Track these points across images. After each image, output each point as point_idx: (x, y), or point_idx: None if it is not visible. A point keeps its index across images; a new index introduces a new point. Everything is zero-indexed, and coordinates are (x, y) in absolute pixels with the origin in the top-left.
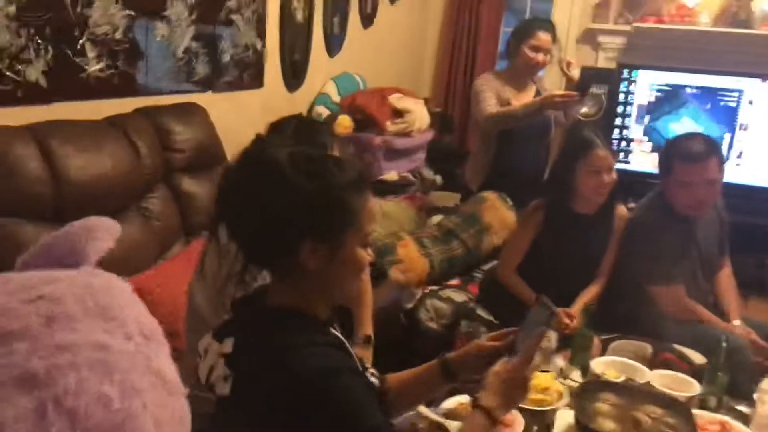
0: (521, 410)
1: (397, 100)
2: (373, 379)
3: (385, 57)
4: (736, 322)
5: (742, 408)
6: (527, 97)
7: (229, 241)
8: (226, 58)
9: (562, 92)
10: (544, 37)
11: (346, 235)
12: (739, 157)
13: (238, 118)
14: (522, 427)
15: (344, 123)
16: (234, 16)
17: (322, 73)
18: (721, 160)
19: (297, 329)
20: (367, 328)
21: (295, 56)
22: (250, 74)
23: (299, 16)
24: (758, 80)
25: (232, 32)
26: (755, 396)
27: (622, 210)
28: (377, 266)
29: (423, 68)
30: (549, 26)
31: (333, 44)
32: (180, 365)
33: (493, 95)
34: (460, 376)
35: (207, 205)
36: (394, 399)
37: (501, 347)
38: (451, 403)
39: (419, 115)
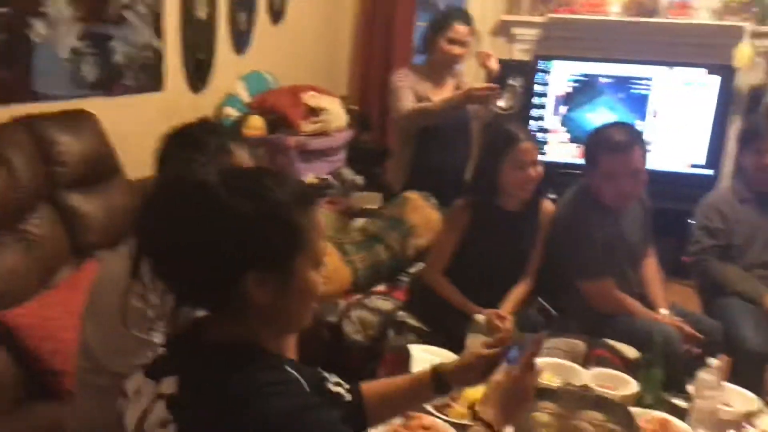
0: (455, 425)
1: (311, 99)
2: (341, 391)
3: (297, 54)
4: (664, 311)
5: (679, 402)
6: (446, 91)
7: (154, 280)
8: (120, 58)
9: (482, 85)
10: (461, 29)
11: (296, 259)
12: (651, 143)
13: (136, 124)
14: None
15: (255, 124)
16: (126, 13)
17: (230, 72)
18: (645, 150)
19: (252, 368)
20: (291, 353)
21: (198, 55)
22: (148, 76)
23: (201, 12)
24: (666, 68)
25: (125, 30)
26: (691, 389)
27: (547, 205)
28: None
29: (338, 65)
30: (466, 17)
31: (240, 42)
32: (71, 409)
33: (410, 91)
34: (453, 388)
35: (99, 222)
36: (372, 410)
37: (499, 355)
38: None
39: (335, 113)
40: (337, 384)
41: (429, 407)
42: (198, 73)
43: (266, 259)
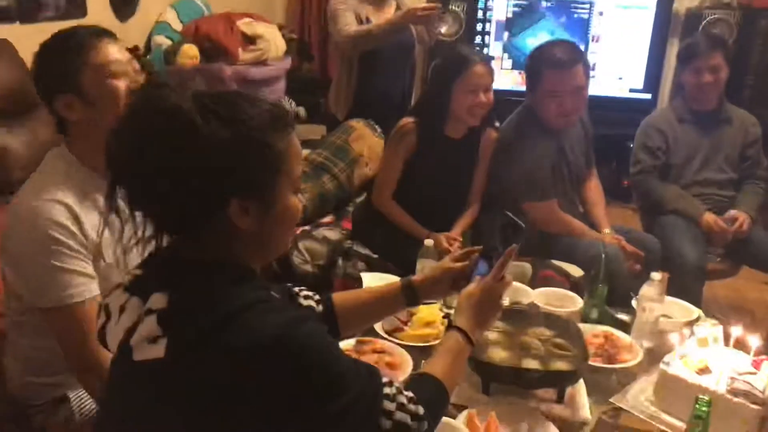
0: (407, 348)
1: (247, 26)
2: (312, 304)
3: None
4: (606, 231)
5: (623, 316)
6: (387, 14)
7: (130, 208)
8: None
9: (423, 5)
10: None
11: (277, 184)
12: (592, 69)
13: None
14: (411, 366)
15: (189, 53)
16: None
17: None
18: (587, 67)
19: (245, 286)
20: None
21: None
22: (69, 3)
23: None
24: None
25: None
26: (633, 303)
27: (491, 133)
28: None
29: None
30: None
31: None
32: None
33: (351, 14)
34: (422, 300)
35: (23, 157)
36: (344, 320)
37: (466, 268)
38: None
39: (273, 41)
40: (307, 297)
41: (380, 331)
42: (123, 0)
43: (248, 186)
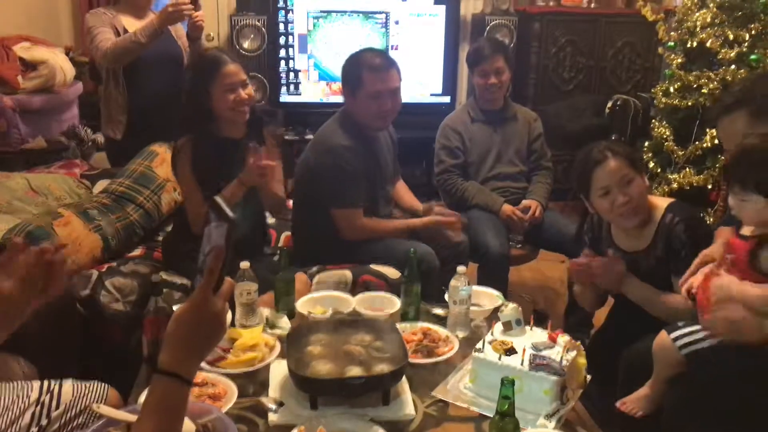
0: (231, 376)
1: (25, 51)
2: None
3: (3, 1)
4: (420, 207)
5: (438, 311)
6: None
7: None
8: None
9: (175, 1)
10: None
11: None
12: None
13: None
14: (236, 395)
15: None
16: None
17: None
18: (398, 70)
19: None
20: None
21: None
22: None
23: None
24: (399, 0)
25: None
26: (446, 297)
27: (272, 131)
28: None
29: (57, 12)
30: None
31: None
32: None
33: (107, 29)
34: None
35: None
36: None
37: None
38: None
39: (58, 66)
40: None
41: (202, 363)
42: None
43: None
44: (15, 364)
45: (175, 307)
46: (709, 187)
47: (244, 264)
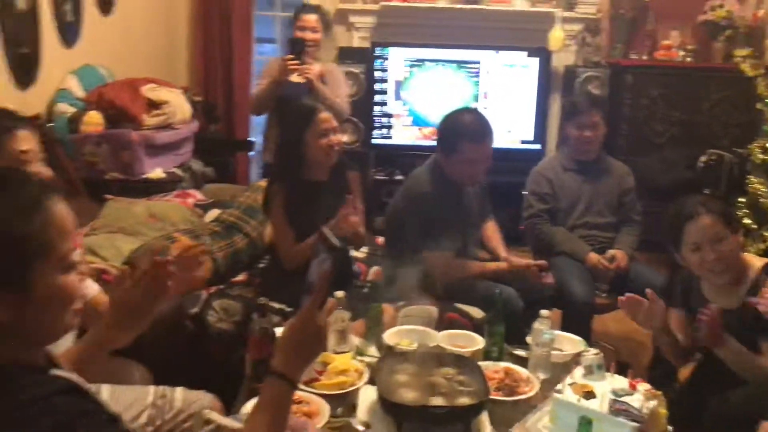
0: (324, 396)
1: (151, 91)
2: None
3: (131, 45)
4: (504, 255)
5: (520, 352)
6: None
7: None
8: None
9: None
10: (307, 17)
11: (34, 271)
12: None
13: None
14: (328, 414)
15: (94, 120)
16: None
17: (60, 66)
18: (493, 136)
19: (13, 387)
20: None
21: (22, 49)
22: None
23: (20, 2)
24: (492, 51)
25: None
26: (529, 339)
27: (354, 175)
28: None
29: (176, 56)
30: (312, 9)
31: (68, 34)
32: None
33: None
34: None
35: None
36: None
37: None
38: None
39: (178, 105)
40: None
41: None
42: (23, 68)
43: None
44: (134, 370)
45: (277, 330)
46: None
47: (339, 293)
